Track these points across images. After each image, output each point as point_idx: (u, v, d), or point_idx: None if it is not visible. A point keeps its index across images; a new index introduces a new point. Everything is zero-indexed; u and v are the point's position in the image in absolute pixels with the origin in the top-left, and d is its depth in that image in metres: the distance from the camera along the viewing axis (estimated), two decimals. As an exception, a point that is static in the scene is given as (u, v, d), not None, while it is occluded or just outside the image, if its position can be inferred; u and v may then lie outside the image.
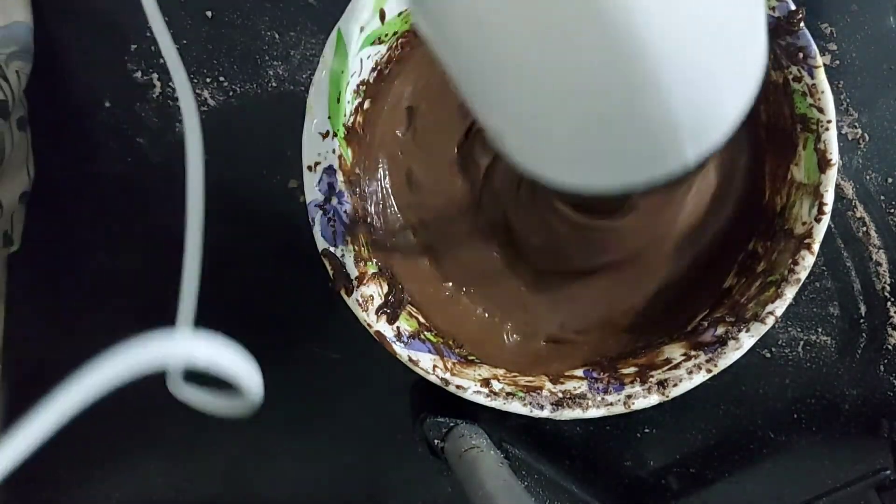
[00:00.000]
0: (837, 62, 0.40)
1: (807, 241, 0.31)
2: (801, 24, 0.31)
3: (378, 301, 0.33)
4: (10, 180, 0.40)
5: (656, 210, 0.33)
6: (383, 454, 0.41)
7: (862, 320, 0.40)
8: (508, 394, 0.32)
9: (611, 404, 0.31)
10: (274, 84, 0.42)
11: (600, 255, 0.35)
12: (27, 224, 0.42)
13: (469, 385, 0.32)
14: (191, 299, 0.26)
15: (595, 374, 0.34)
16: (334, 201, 0.33)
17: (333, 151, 0.33)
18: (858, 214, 0.40)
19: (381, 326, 0.32)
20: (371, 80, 0.34)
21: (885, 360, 0.40)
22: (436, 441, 0.35)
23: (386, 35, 0.34)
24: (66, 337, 0.42)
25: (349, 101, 0.33)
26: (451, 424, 0.36)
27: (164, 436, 0.42)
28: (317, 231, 0.32)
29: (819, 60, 0.31)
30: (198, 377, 0.26)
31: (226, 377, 0.20)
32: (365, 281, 0.33)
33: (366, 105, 0.35)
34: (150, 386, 0.44)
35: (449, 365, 0.33)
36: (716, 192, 0.35)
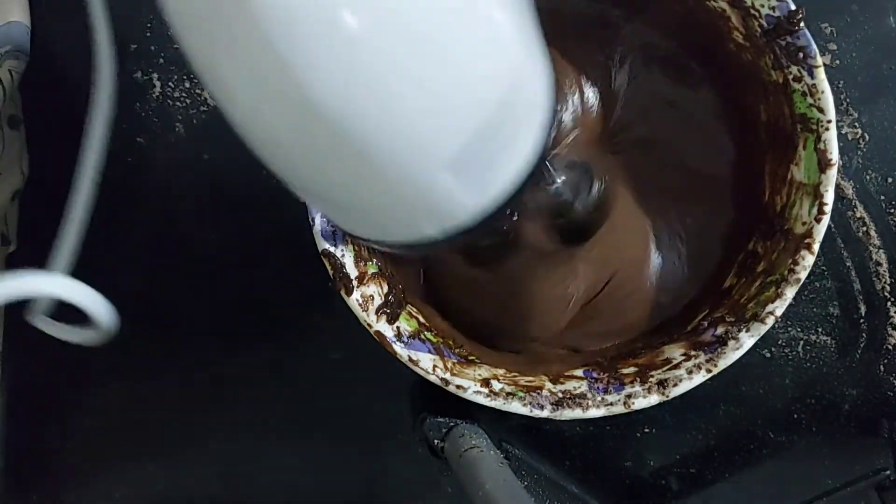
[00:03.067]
0: (837, 62, 0.40)
1: (807, 241, 0.31)
2: (801, 24, 0.31)
3: (378, 301, 0.33)
4: (3, 179, 0.40)
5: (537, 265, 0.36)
6: (383, 454, 0.41)
7: (862, 320, 0.40)
8: (508, 394, 0.32)
9: (611, 404, 0.31)
10: (274, 84, 0.41)
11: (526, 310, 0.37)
12: (27, 223, 0.42)
13: (469, 385, 0.32)
14: (70, 244, 0.32)
15: (595, 374, 0.34)
16: (334, 201, 0.33)
17: (333, 151, 0.33)
18: (858, 214, 0.40)
19: (381, 326, 0.32)
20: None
21: (885, 360, 0.40)
22: (436, 441, 0.35)
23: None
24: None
25: (349, 101, 0.33)
26: (451, 424, 0.36)
27: (164, 436, 0.42)
28: (317, 231, 0.32)
29: (819, 60, 0.31)
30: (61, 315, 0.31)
31: (81, 308, 0.26)
32: (365, 281, 0.33)
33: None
34: (151, 386, 0.44)
35: (449, 365, 0.33)
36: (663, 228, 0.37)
